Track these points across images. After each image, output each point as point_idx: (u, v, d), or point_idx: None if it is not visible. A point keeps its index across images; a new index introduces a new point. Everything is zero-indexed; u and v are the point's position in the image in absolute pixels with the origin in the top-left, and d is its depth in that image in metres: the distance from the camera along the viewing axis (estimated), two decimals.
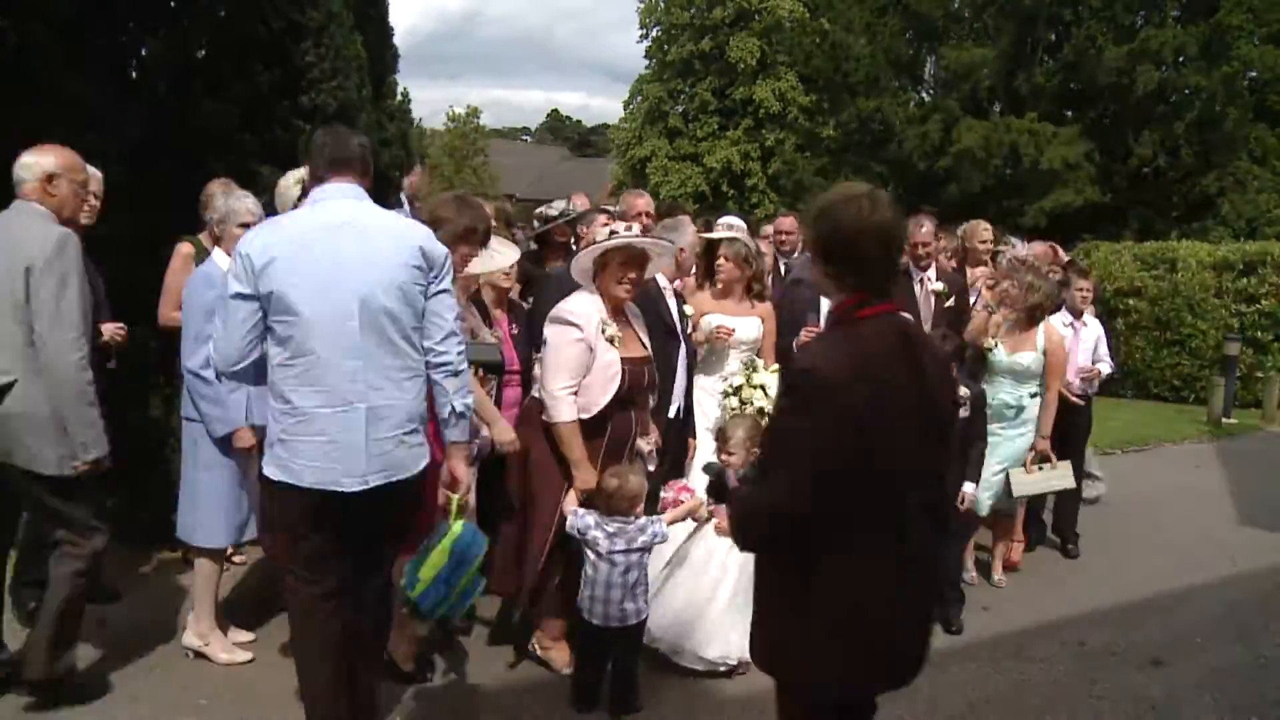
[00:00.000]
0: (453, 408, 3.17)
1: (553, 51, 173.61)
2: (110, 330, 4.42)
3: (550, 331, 3.94)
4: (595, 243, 4.00)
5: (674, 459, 4.54)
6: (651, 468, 4.18)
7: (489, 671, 4.15)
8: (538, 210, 5.89)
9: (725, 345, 4.88)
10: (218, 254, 4.13)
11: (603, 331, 3.88)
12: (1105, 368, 6.16)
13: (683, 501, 4.10)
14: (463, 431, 3.28)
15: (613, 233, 3.99)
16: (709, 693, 4.04)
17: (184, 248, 4.80)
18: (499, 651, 4.34)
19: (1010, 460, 5.37)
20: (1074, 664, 4.51)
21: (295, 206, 3.84)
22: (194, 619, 4.16)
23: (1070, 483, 5.66)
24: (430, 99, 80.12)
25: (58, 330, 3.40)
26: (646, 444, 4.16)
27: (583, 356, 3.85)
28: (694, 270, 5.24)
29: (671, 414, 4.55)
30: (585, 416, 3.89)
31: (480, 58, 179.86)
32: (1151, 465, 9.61)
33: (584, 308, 3.91)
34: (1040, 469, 5.44)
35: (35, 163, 3.62)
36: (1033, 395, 5.40)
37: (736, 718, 3.86)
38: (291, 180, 4.38)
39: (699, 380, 4.96)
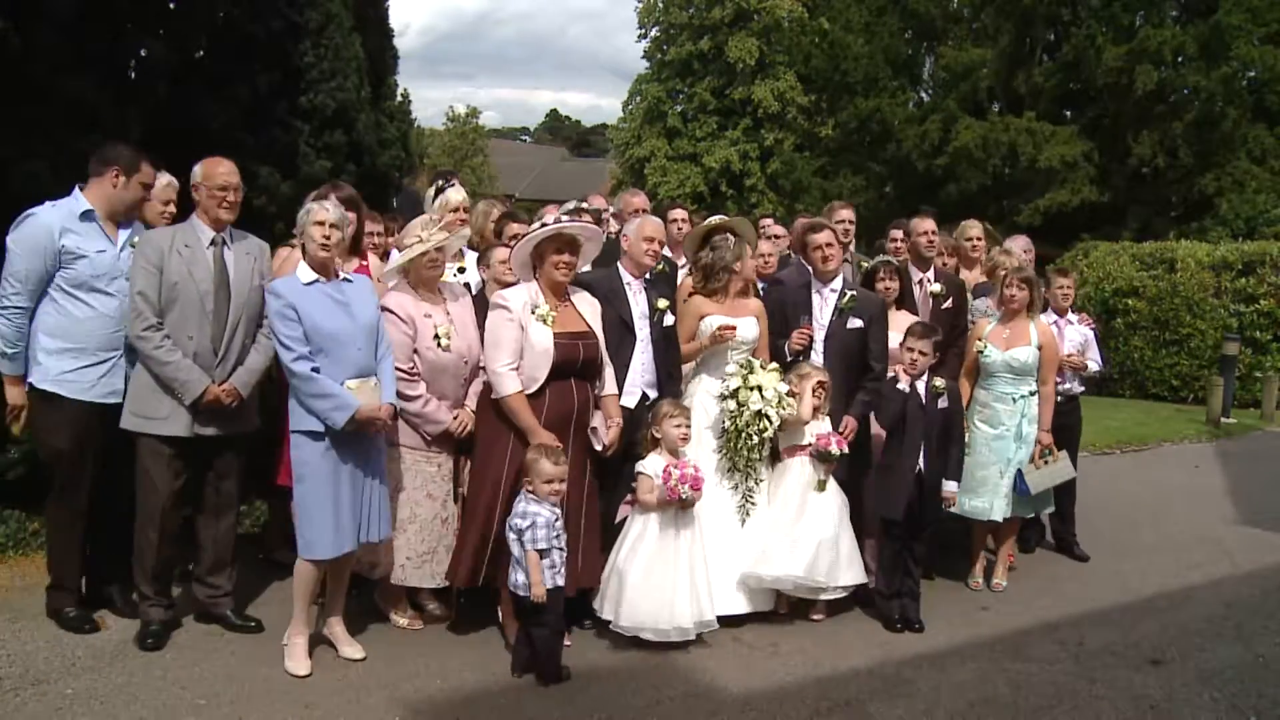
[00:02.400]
0: None
1: (565, 52, 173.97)
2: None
3: (489, 317, 4.36)
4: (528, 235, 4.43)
5: (630, 442, 4.68)
6: (598, 447, 4.46)
7: (489, 671, 4.15)
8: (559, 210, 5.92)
9: (730, 345, 4.90)
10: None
11: (533, 311, 4.28)
12: (1094, 365, 6.08)
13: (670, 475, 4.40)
14: None
15: (542, 224, 4.42)
16: (709, 693, 4.05)
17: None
18: (499, 651, 4.35)
19: (1021, 462, 5.38)
20: (1074, 664, 4.51)
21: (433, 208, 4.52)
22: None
23: (1071, 472, 5.66)
24: (442, 99, 79.95)
25: None
26: (600, 423, 4.47)
27: (516, 334, 4.25)
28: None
29: (632, 404, 4.72)
30: (529, 391, 4.25)
31: (493, 58, 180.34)
32: (1151, 465, 9.63)
33: (515, 293, 4.36)
34: (1045, 462, 5.45)
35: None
36: (1031, 393, 5.40)
37: (736, 718, 3.87)
38: (432, 191, 5.14)
39: (701, 381, 4.98)
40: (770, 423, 4.71)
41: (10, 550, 5.15)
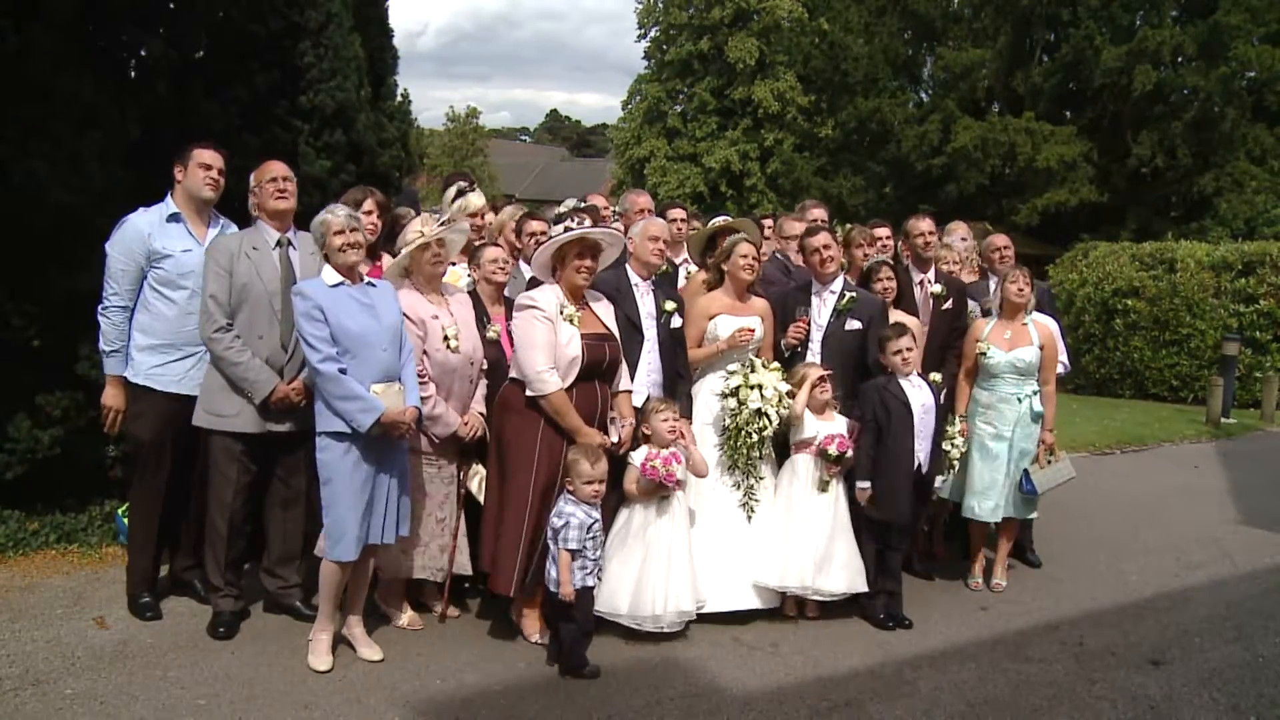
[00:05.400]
0: None
1: (579, 52, 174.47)
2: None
3: (517, 319, 4.37)
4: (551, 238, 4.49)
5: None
6: (614, 440, 4.47)
7: (489, 671, 4.15)
8: (557, 212, 5.92)
9: (747, 347, 4.91)
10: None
11: (561, 312, 4.30)
12: (1061, 368, 5.87)
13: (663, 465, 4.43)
14: None
15: (567, 228, 4.46)
16: (709, 693, 4.05)
17: None
18: (499, 651, 4.35)
19: (1025, 460, 5.36)
20: (1073, 664, 4.50)
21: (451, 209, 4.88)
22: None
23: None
24: (458, 100, 79.95)
25: None
26: (616, 420, 4.54)
27: (550, 334, 4.26)
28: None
29: (638, 404, 4.72)
30: None
31: (509, 59, 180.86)
32: (1151, 465, 9.63)
33: (543, 294, 4.37)
34: (1049, 462, 5.42)
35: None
36: (1034, 392, 5.38)
37: (736, 718, 3.87)
38: (451, 192, 5.31)
39: (706, 379, 4.99)
40: (769, 422, 4.72)
41: (10, 550, 5.16)
